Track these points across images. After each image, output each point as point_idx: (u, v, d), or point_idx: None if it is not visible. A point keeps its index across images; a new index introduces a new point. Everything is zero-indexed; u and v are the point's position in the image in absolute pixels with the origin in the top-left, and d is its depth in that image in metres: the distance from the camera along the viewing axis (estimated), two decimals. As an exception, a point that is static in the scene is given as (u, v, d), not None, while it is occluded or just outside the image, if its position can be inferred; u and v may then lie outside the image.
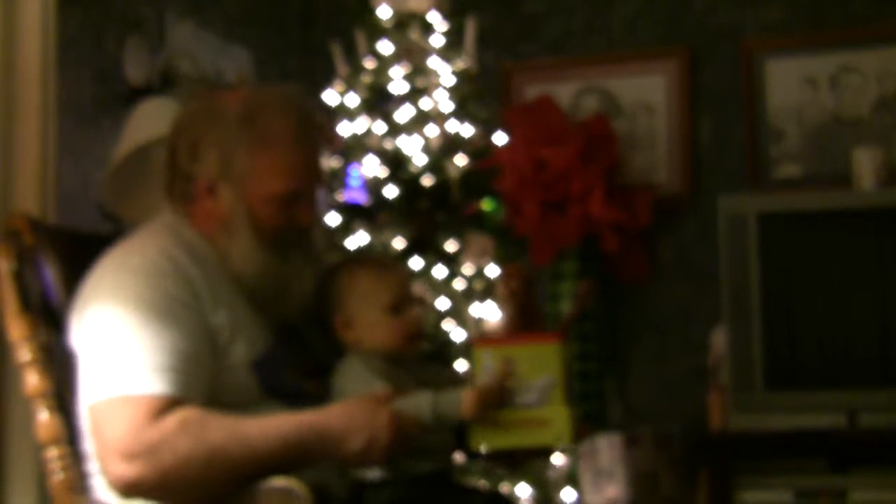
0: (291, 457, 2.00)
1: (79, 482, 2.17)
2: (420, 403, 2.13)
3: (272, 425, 2.00)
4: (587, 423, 3.60)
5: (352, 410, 2.05)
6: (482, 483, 3.46)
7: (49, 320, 2.28)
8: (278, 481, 1.96)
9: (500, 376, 2.11)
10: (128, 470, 1.98)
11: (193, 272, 2.13)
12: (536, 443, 2.15)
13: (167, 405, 2.01)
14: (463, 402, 2.11)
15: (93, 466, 2.16)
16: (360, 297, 2.26)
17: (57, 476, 2.18)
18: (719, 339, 3.85)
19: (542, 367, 2.10)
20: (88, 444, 2.15)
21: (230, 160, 2.15)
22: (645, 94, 4.45)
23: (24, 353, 2.22)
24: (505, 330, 2.23)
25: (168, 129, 2.57)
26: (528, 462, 2.56)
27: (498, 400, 2.10)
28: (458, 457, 2.39)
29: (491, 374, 2.12)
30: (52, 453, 2.18)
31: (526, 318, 2.23)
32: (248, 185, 2.16)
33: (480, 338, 2.22)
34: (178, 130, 2.24)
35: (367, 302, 2.26)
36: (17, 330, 2.23)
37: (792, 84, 4.28)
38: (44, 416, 2.20)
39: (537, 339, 2.15)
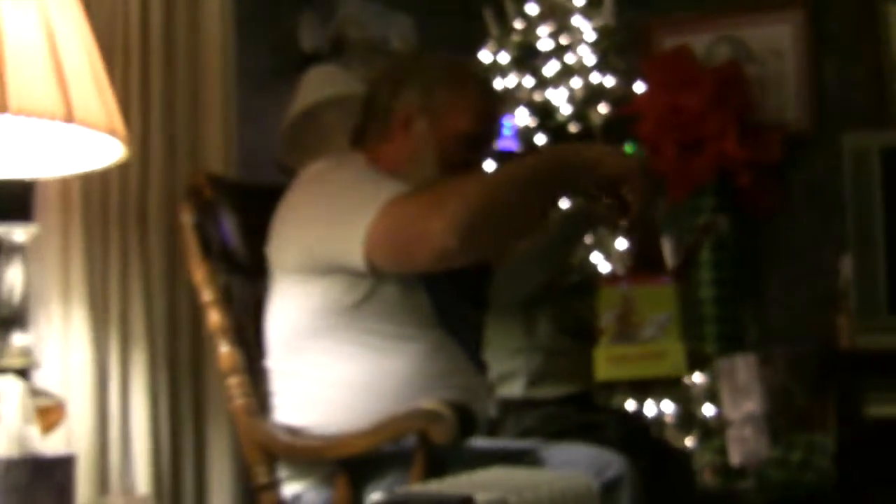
0: (553, 168, 2.00)
1: (256, 406, 2.20)
2: None
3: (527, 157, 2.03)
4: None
5: None
6: (627, 401, 3.42)
7: (228, 264, 2.31)
8: (426, 404, 1.95)
9: (621, 314, 2.08)
10: (435, 234, 1.93)
11: None
12: (655, 374, 2.12)
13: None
14: None
15: (279, 385, 2.19)
16: None
17: (238, 401, 2.21)
18: (847, 266, 3.71)
19: (659, 305, 2.06)
20: (274, 361, 2.18)
21: (431, 94, 2.19)
22: (773, 41, 4.30)
23: (206, 294, 2.26)
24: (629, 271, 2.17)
25: (334, 92, 2.59)
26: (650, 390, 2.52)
27: None
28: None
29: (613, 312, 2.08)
30: (233, 381, 2.22)
31: (648, 258, 2.16)
32: (442, 120, 2.19)
33: (605, 280, 2.18)
34: (380, 78, 2.30)
35: None
36: (200, 274, 2.27)
37: (912, 26, 4.09)
38: (224, 349, 2.24)
39: (655, 280, 2.09)
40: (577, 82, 3.71)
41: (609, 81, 3.76)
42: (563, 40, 3.76)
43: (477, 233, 1.94)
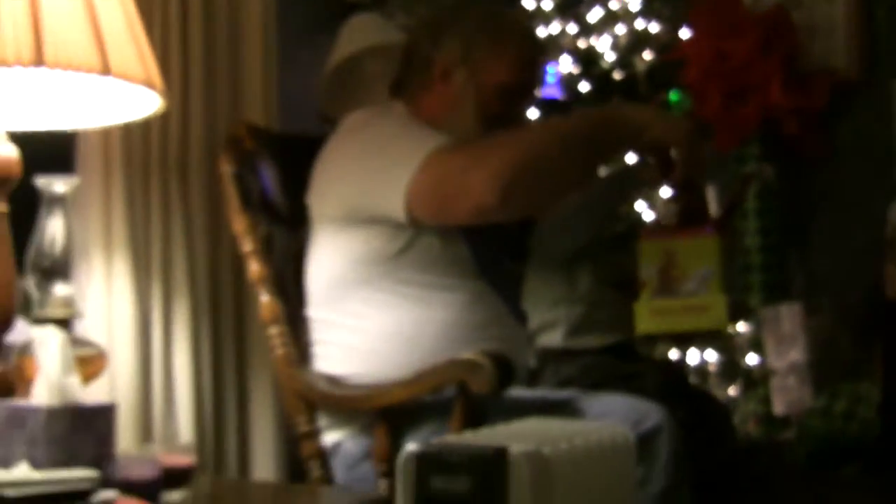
0: (600, 130, 1.99)
1: (297, 355, 2.22)
2: None
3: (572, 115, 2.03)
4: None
5: None
6: (670, 350, 3.41)
7: (268, 215, 2.32)
8: (465, 354, 1.95)
9: (662, 267, 2.06)
10: (476, 188, 1.93)
11: None
12: (696, 327, 2.09)
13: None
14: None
15: (319, 334, 2.20)
16: None
17: (278, 351, 2.23)
18: (894, 214, 3.66)
19: (701, 258, 2.03)
20: (315, 310, 2.20)
21: (471, 47, 2.18)
22: (823, -15, 4.22)
23: (246, 244, 2.28)
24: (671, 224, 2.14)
25: (374, 41, 2.58)
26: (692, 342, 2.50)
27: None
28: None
29: (655, 265, 2.06)
30: (273, 331, 2.23)
31: (691, 211, 2.13)
32: (482, 72, 2.18)
33: (646, 233, 2.16)
34: (421, 25, 2.33)
35: None
36: (240, 224, 2.28)
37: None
38: (265, 299, 2.25)
39: (697, 233, 2.06)
40: (621, 29, 3.67)
41: (654, 28, 3.72)
42: (608, -14, 3.72)
43: (518, 189, 1.93)
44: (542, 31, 3.71)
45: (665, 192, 3.56)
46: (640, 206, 3.59)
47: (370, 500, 1.88)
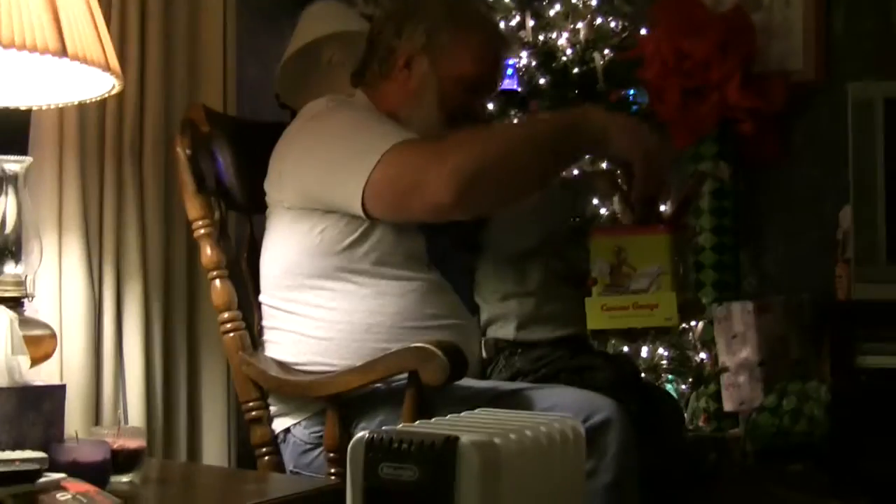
0: (564, 138, 1.98)
1: (249, 341, 2.21)
2: None
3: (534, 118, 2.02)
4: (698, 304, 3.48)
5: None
6: (622, 346, 3.42)
7: (223, 199, 2.31)
8: (418, 344, 1.95)
9: (613, 264, 2.06)
10: (438, 185, 1.93)
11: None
12: (646, 324, 2.09)
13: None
14: None
15: (272, 321, 2.19)
16: None
17: (230, 336, 2.23)
18: (847, 216, 3.70)
19: (652, 256, 2.03)
20: (268, 297, 2.19)
21: (434, 36, 2.18)
22: (782, -13, 4.25)
23: (200, 228, 2.27)
24: (621, 222, 2.15)
25: (334, 29, 2.57)
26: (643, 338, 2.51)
27: None
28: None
29: (606, 262, 2.07)
30: (225, 316, 2.23)
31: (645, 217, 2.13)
32: (444, 63, 2.18)
33: (597, 229, 2.16)
34: (385, 15, 2.30)
35: None
36: (194, 208, 2.27)
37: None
38: (217, 284, 2.25)
39: (648, 230, 2.06)
40: (580, 24, 3.68)
41: (613, 24, 3.73)
42: (568, -19, 3.72)
43: (475, 191, 1.94)
44: (501, 24, 3.71)
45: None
46: (596, 200, 3.60)
47: (320, 487, 1.88)
